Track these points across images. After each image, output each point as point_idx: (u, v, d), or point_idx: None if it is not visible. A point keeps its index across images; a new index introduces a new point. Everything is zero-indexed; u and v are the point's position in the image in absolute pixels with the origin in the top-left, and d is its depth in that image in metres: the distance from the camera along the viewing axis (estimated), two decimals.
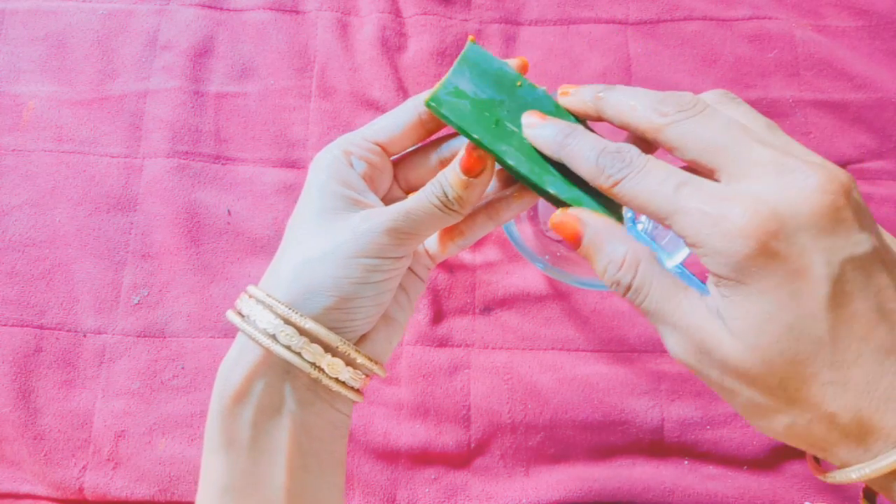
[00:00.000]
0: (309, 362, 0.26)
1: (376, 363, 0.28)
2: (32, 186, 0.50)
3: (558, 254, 0.46)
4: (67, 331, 0.47)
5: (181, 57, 0.53)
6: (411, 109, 0.29)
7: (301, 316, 0.26)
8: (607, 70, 0.53)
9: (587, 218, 0.25)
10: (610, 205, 0.26)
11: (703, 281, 0.45)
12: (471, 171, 0.26)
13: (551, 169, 0.27)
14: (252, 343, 0.26)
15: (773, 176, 0.21)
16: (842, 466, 0.22)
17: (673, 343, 0.23)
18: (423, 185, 0.30)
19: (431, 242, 0.31)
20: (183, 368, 0.46)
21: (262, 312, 0.26)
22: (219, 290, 0.48)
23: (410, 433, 0.45)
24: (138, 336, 0.47)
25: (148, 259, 0.48)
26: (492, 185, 0.30)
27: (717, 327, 0.22)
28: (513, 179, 0.30)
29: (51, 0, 0.55)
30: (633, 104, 0.24)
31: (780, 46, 0.53)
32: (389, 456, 0.45)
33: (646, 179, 0.23)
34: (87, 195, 0.50)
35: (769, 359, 0.21)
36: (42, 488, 0.44)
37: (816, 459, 0.25)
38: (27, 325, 0.47)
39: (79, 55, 0.53)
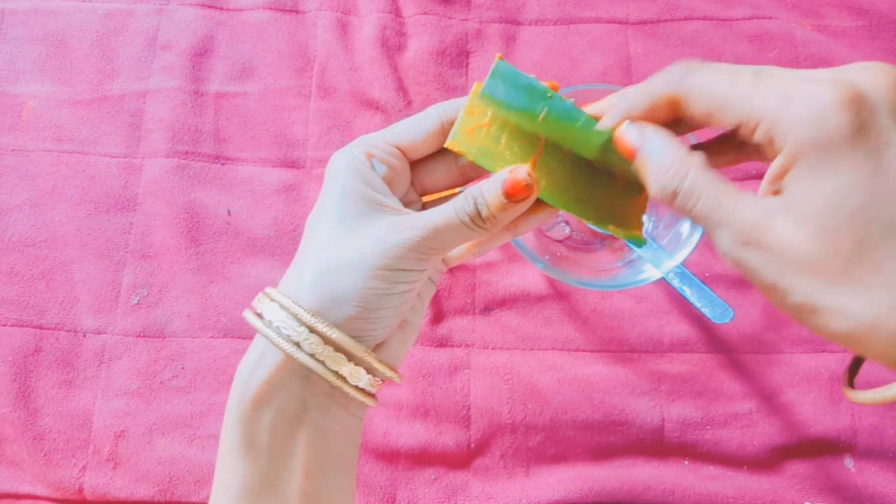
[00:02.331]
0: (331, 371, 0.26)
1: (394, 371, 0.28)
2: (32, 186, 0.50)
3: (558, 254, 0.46)
4: (67, 331, 0.47)
5: (181, 57, 0.53)
6: (433, 117, 0.28)
7: (328, 325, 0.26)
8: (607, 70, 0.53)
9: (644, 129, 0.25)
10: (628, 223, 0.28)
11: (704, 282, 0.45)
12: (515, 196, 0.26)
13: (574, 191, 0.28)
14: (273, 348, 0.26)
15: (841, 71, 0.21)
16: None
17: (727, 242, 0.22)
18: (438, 189, 0.30)
19: None
20: (183, 368, 0.46)
21: (286, 319, 0.26)
22: (218, 290, 0.48)
23: (410, 433, 0.45)
24: (138, 336, 0.47)
25: (148, 259, 0.48)
26: None
27: (778, 221, 0.21)
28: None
29: (50, 0, 0.55)
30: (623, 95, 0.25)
31: (781, 46, 0.53)
32: (389, 456, 0.45)
33: (716, 74, 0.23)
34: (86, 195, 0.50)
35: (836, 241, 0.20)
36: (42, 488, 0.44)
37: (851, 381, 0.24)
38: (27, 325, 0.47)
39: (78, 55, 0.53)
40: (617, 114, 0.26)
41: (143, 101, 0.52)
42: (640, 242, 0.28)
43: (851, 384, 0.24)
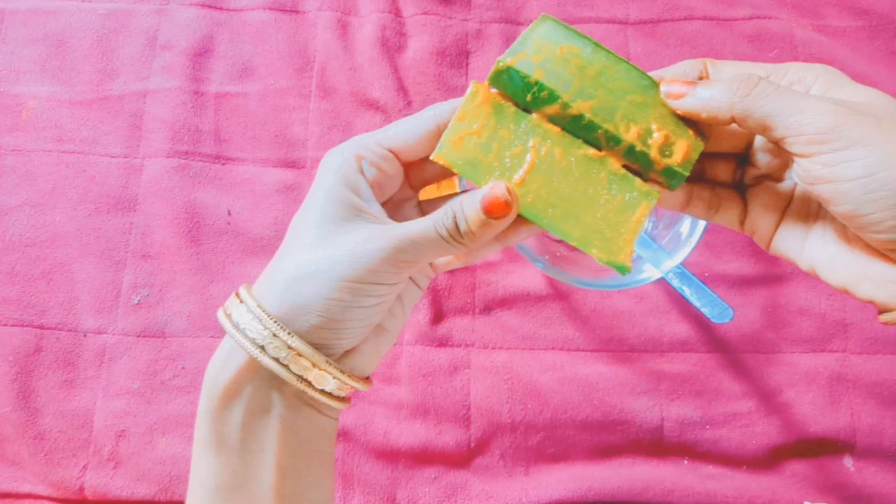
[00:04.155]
0: (296, 375, 0.26)
1: (359, 380, 0.28)
2: (32, 186, 0.50)
3: (558, 254, 0.46)
4: (68, 331, 0.47)
5: (181, 57, 0.53)
6: (430, 119, 0.28)
7: (288, 333, 0.25)
8: None
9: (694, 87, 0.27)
10: (613, 241, 0.27)
11: (704, 282, 0.45)
12: (494, 213, 0.25)
13: (564, 207, 0.27)
14: (241, 348, 0.26)
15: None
16: None
17: (816, 111, 0.24)
18: (435, 181, 0.30)
19: None
20: (183, 368, 0.46)
21: (252, 322, 0.26)
22: (219, 290, 0.48)
23: (410, 433, 0.45)
24: (138, 336, 0.47)
25: (148, 259, 0.48)
26: None
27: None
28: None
29: (51, 0, 0.55)
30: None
31: (781, 46, 0.53)
32: (389, 455, 0.45)
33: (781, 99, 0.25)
34: (86, 195, 0.50)
35: None
36: (42, 488, 0.44)
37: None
38: (27, 325, 0.47)
39: (78, 55, 0.53)
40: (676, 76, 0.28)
41: (143, 101, 0.52)
42: (624, 270, 0.27)
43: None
